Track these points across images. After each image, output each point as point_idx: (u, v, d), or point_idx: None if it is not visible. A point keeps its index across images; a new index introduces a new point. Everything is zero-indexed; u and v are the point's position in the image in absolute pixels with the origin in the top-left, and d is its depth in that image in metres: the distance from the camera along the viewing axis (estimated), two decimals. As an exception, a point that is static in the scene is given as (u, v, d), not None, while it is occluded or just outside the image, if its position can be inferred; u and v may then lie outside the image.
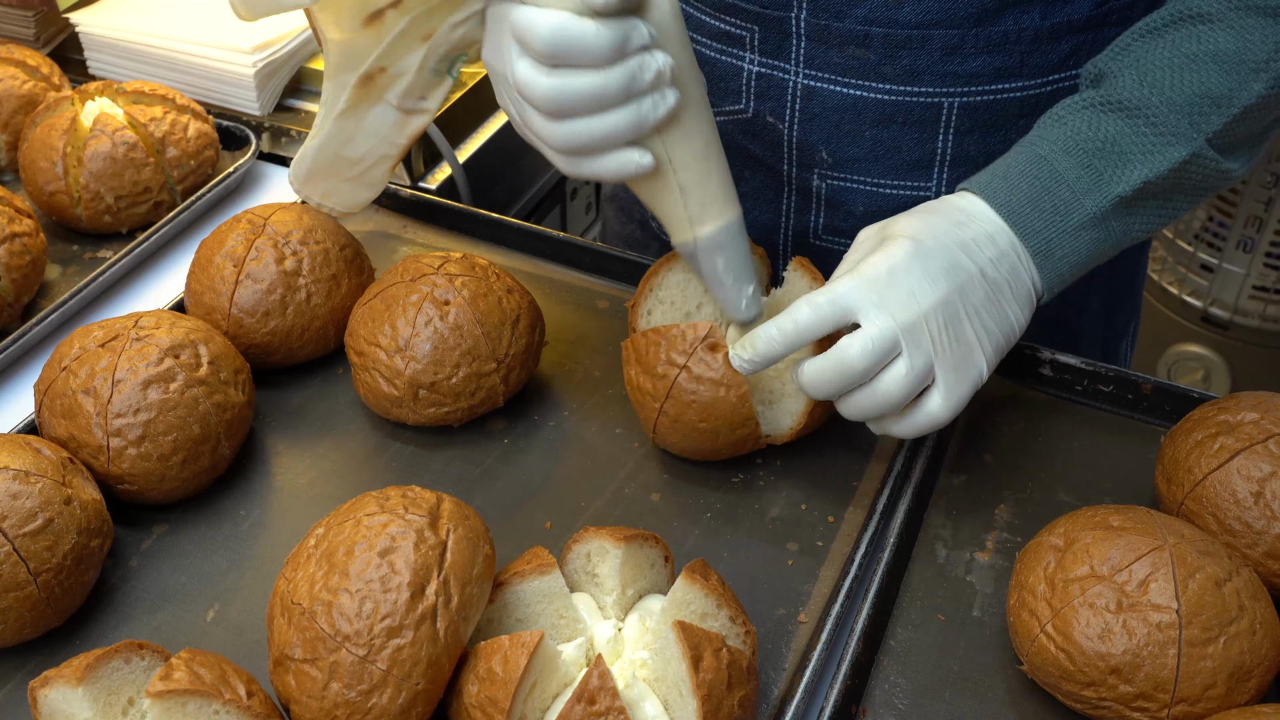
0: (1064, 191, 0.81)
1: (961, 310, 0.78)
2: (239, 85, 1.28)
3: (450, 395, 0.89)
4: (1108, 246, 0.83)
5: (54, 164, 1.10)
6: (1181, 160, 0.80)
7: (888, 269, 0.77)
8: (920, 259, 0.78)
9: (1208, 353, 1.99)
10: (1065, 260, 0.81)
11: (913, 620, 0.80)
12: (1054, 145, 0.82)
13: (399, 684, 0.66)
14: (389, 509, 0.71)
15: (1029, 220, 0.81)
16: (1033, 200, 0.81)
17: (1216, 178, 0.82)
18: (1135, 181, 0.80)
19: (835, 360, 0.78)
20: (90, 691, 0.67)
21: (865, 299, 0.77)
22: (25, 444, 0.80)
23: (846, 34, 0.91)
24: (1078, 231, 0.81)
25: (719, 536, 0.86)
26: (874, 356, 0.77)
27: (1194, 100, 0.79)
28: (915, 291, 0.77)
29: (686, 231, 0.80)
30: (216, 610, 0.81)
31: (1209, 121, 0.80)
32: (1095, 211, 0.80)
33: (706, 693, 0.66)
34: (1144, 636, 0.69)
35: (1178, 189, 0.82)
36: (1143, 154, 0.80)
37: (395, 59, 0.87)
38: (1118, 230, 0.82)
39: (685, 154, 0.76)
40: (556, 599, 0.73)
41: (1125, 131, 0.80)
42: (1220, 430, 0.81)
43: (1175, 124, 0.80)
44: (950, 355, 0.78)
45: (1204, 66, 0.80)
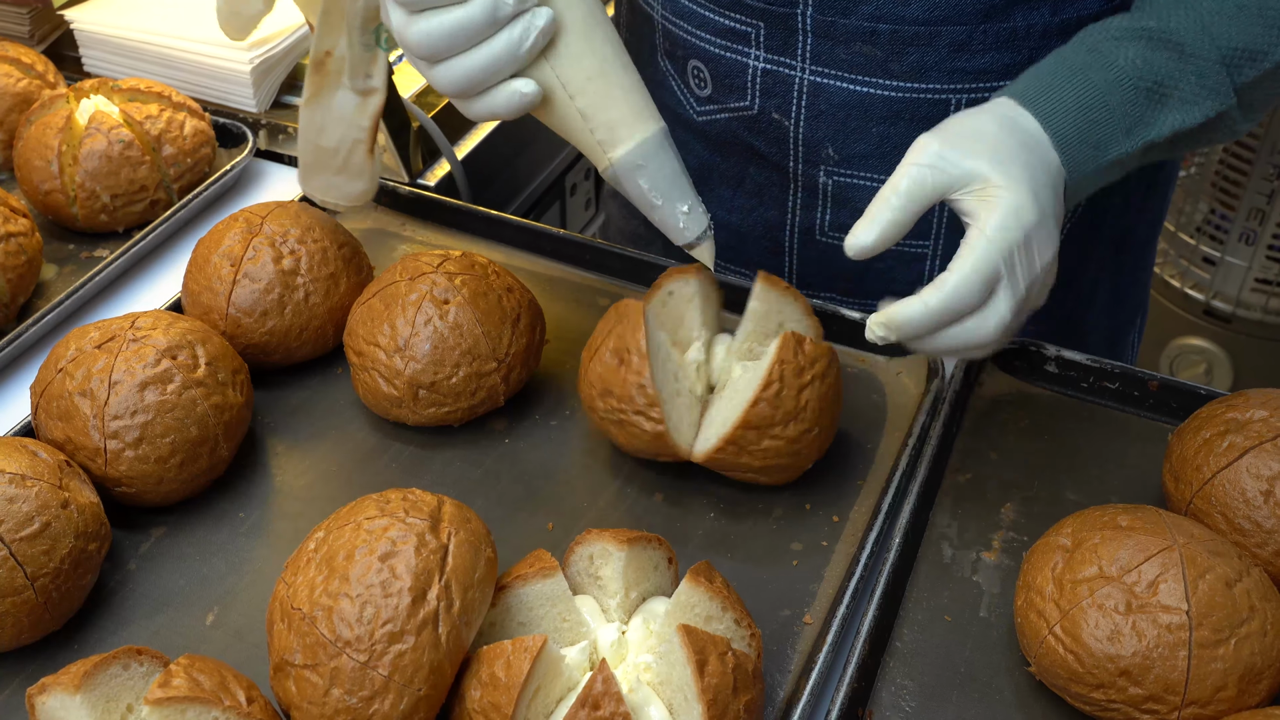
0: (1109, 128, 0.79)
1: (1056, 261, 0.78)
2: (235, 82, 1.27)
3: (450, 395, 0.89)
4: (1114, 179, 0.82)
5: (49, 163, 1.09)
6: (1212, 115, 0.80)
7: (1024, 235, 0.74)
8: (1042, 219, 0.75)
9: (1210, 346, 1.98)
10: (1082, 191, 0.81)
11: (919, 621, 0.79)
12: (1108, 73, 0.79)
13: (401, 690, 0.65)
14: (389, 512, 0.70)
15: (1076, 152, 0.79)
16: (1082, 133, 0.79)
17: (1228, 133, 0.83)
18: (1168, 129, 0.79)
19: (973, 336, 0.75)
20: (88, 699, 0.66)
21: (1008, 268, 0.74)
22: (21, 447, 0.79)
23: (853, 30, 0.90)
24: (1107, 168, 0.80)
25: (723, 536, 0.85)
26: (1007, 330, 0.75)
27: (1234, 52, 0.79)
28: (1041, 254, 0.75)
29: (601, 157, 0.78)
30: (216, 614, 0.80)
31: (1242, 74, 0.79)
32: (1127, 151, 0.80)
33: (712, 697, 0.65)
34: (1154, 638, 0.69)
35: (1195, 138, 0.82)
36: (1181, 102, 0.79)
37: (331, 39, 0.88)
38: (1130, 167, 0.82)
39: (578, 77, 0.75)
40: (559, 602, 0.72)
41: (1174, 74, 0.79)
42: (1229, 428, 0.80)
43: (1216, 77, 0.79)
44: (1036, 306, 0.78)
45: (1249, 17, 0.79)
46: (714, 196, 1.07)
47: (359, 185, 0.97)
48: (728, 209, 1.07)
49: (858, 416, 0.93)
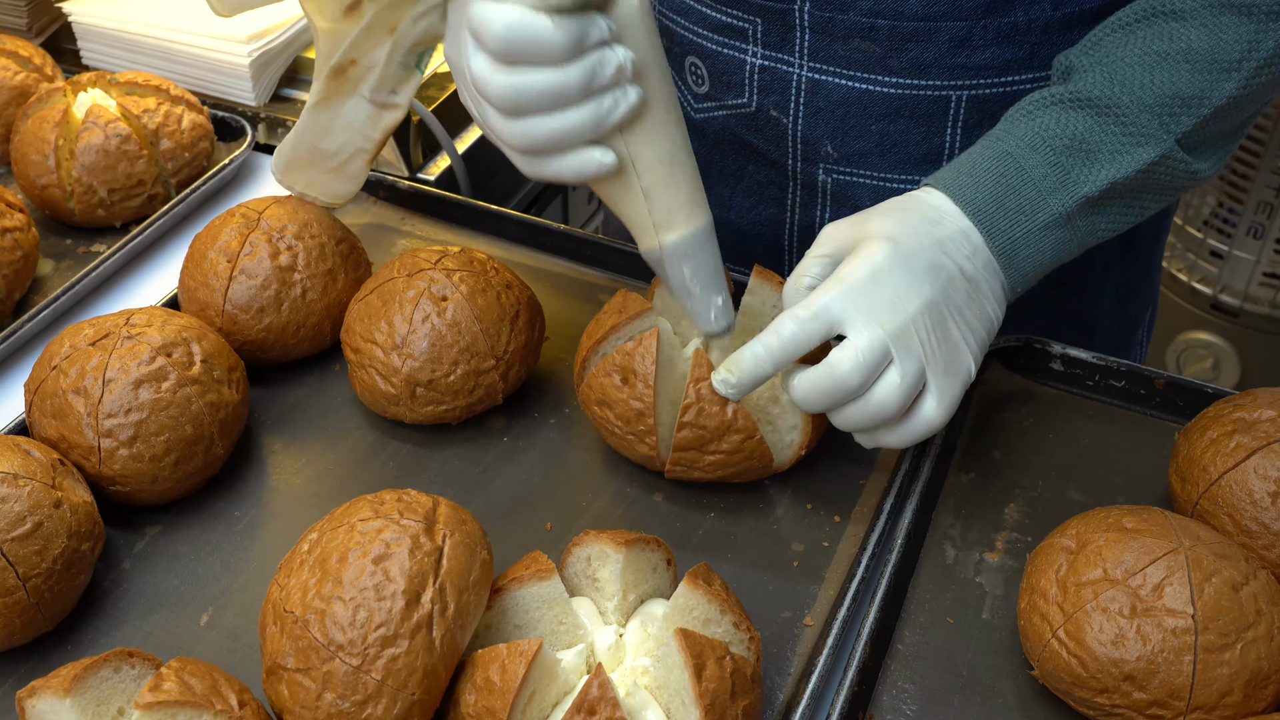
0: (1030, 190, 0.79)
1: (946, 311, 0.76)
2: (234, 75, 1.26)
3: (448, 393, 0.88)
4: (1073, 246, 0.81)
5: (46, 157, 1.09)
6: (1150, 161, 0.78)
7: (870, 274, 0.75)
8: (902, 261, 0.75)
9: (1217, 340, 1.97)
10: (1030, 260, 0.80)
11: (921, 623, 0.78)
12: (1021, 141, 0.80)
13: (394, 694, 0.65)
14: (383, 514, 0.69)
15: (995, 219, 0.79)
16: (998, 199, 0.79)
17: (1185, 177, 0.81)
18: (1102, 182, 0.78)
19: (826, 374, 0.75)
20: (78, 702, 0.65)
21: (851, 308, 0.75)
22: (14, 445, 0.79)
23: (851, 26, 0.89)
24: (1043, 231, 0.79)
25: (723, 537, 0.84)
26: (866, 369, 0.74)
27: (1165, 100, 0.78)
28: (900, 296, 0.75)
29: (651, 238, 0.78)
30: (210, 614, 0.80)
31: (1179, 122, 0.78)
32: (1061, 211, 0.79)
33: (710, 702, 0.64)
34: (1159, 642, 0.68)
35: (1145, 189, 0.80)
36: (1111, 154, 0.78)
37: (365, 51, 0.86)
38: (1083, 230, 0.80)
39: (649, 156, 0.74)
40: (556, 605, 0.71)
41: (1094, 130, 0.79)
42: (1236, 428, 0.79)
43: (1145, 124, 0.78)
44: (940, 359, 0.76)
45: (1175, 66, 0.78)
46: (713, 195, 1.06)
47: (346, 187, 0.96)
48: (726, 207, 1.05)
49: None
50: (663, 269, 0.80)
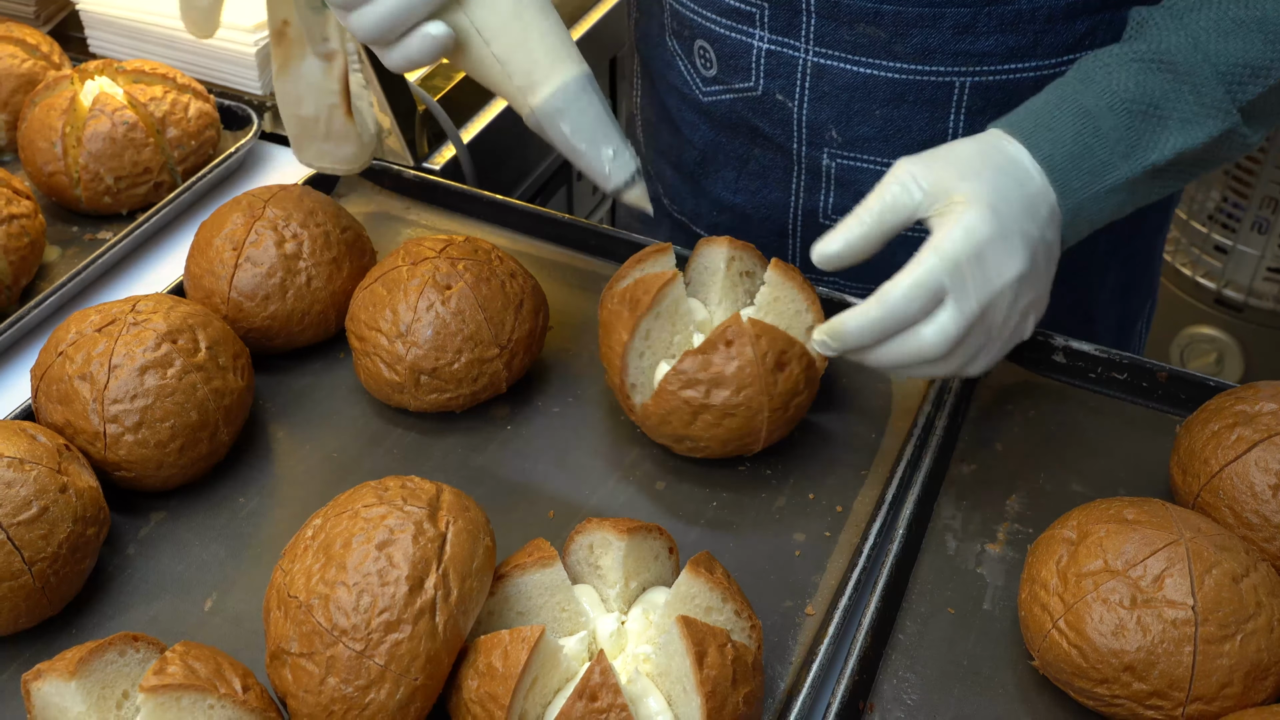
0: (1104, 152, 0.78)
1: (1031, 282, 0.77)
2: (240, 64, 1.26)
3: (452, 381, 0.88)
4: (1128, 208, 0.81)
5: (53, 144, 1.09)
6: (1218, 134, 0.79)
7: (974, 248, 0.74)
8: (1001, 233, 0.75)
9: (1221, 335, 1.97)
10: (1088, 222, 0.80)
11: (922, 613, 0.78)
12: (1099, 99, 0.79)
13: (397, 679, 0.65)
14: (387, 500, 0.69)
15: (1069, 179, 0.78)
16: (1074, 158, 0.78)
17: (1240, 149, 0.81)
18: (1170, 151, 0.78)
19: (910, 345, 0.75)
20: (83, 685, 0.66)
21: (953, 282, 0.74)
22: (20, 430, 0.79)
23: (857, 11, 0.89)
24: (1109, 194, 0.79)
25: (725, 526, 0.84)
26: (952, 344, 0.75)
27: (1235, 68, 0.78)
28: (999, 269, 0.75)
29: (522, 103, 0.78)
30: (214, 599, 0.80)
31: (1245, 91, 0.78)
32: (1129, 176, 0.79)
33: (711, 689, 0.65)
34: (1159, 633, 0.68)
35: (1204, 159, 0.81)
36: (1182, 122, 0.78)
37: (284, 8, 0.88)
38: (1141, 194, 0.81)
39: (493, 21, 0.75)
40: (558, 592, 0.71)
41: (1169, 95, 0.78)
42: (1238, 421, 0.79)
43: (1217, 95, 0.78)
44: (1011, 331, 0.78)
45: (1250, 34, 0.78)
46: (719, 178, 1.06)
47: (348, 148, 0.97)
48: (733, 190, 1.06)
49: (863, 406, 0.93)
50: (544, 133, 0.79)
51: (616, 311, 0.86)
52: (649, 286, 0.85)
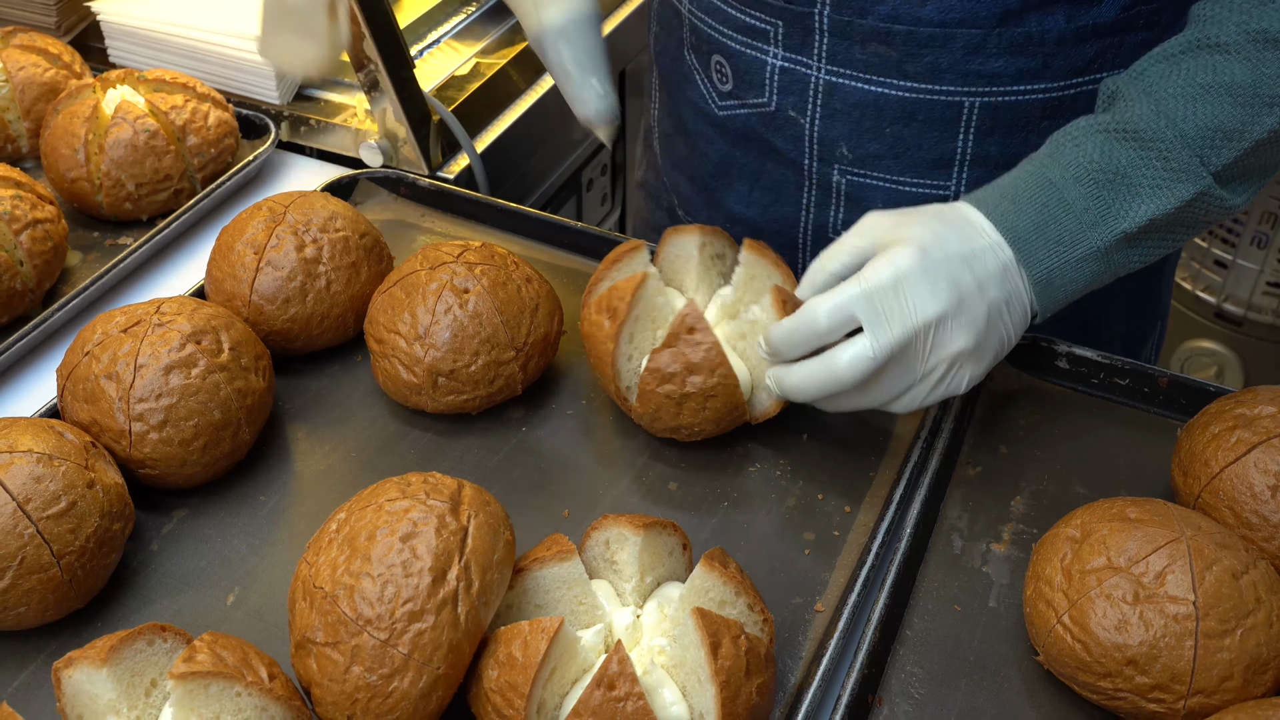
0: (1070, 222, 0.81)
1: (954, 326, 0.79)
2: (258, 74, 1.28)
3: (469, 383, 0.90)
4: (1106, 276, 0.83)
5: (76, 151, 1.11)
6: (1189, 198, 0.80)
7: (893, 279, 0.78)
8: (926, 271, 0.78)
9: (1221, 349, 1.99)
10: (1064, 289, 0.82)
11: (929, 610, 0.80)
12: (1065, 171, 0.81)
13: (420, 668, 0.67)
14: (410, 494, 0.71)
15: (1034, 247, 0.81)
16: (1039, 228, 0.81)
17: (1219, 212, 0.82)
18: (1141, 218, 0.80)
19: (825, 369, 0.80)
20: (114, 673, 0.67)
21: (868, 310, 0.78)
22: (49, 427, 0.81)
23: (869, 31, 0.91)
24: (1080, 263, 0.81)
25: (736, 525, 0.86)
26: (862, 371, 0.79)
27: (1206, 133, 0.79)
28: (916, 305, 0.78)
29: (532, 16, 0.81)
30: (236, 594, 0.82)
31: (1219, 155, 0.80)
32: (1100, 245, 0.81)
33: (725, 679, 0.66)
34: (1161, 628, 0.70)
35: (1181, 223, 0.82)
36: (1152, 188, 0.80)
37: None
38: (1118, 261, 0.83)
39: None
40: (576, 585, 0.73)
41: (1136, 163, 0.80)
42: (1237, 424, 0.81)
43: (1186, 160, 0.80)
44: (933, 370, 0.81)
45: (1218, 98, 0.80)
46: (732, 191, 1.08)
47: (315, 49, 0.99)
48: (745, 204, 1.08)
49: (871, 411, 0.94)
50: (543, 50, 0.82)
51: (597, 323, 0.89)
52: (623, 293, 0.87)
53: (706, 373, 0.85)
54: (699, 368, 0.85)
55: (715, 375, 0.85)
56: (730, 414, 0.87)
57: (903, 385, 0.81)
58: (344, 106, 1.29)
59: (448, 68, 1.36)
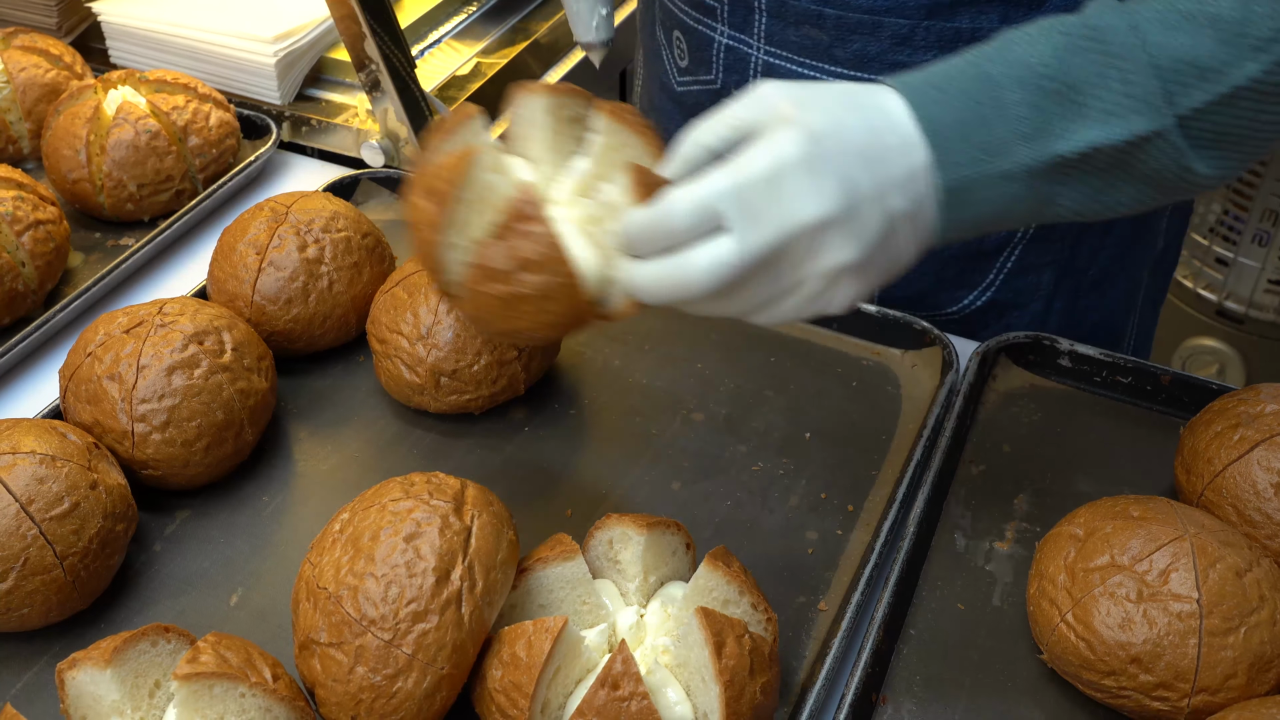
0: (1002, 127, 0.66)
1: (841, 238, 0.65)
2: (260, 74, 1.28)
3: (472, 383, 0.90)
4: (1025, 208, 0.68)
5: (77, 152, 1.11)
6: (1141, 134, 0.67)
7: (771, 171, 0.64)
8: (813, 164, 0.64)
9: (1222, 346, 1.99)
10: (974, 208, 0.67)
11: (932, 609, 0.80)
12: (1009, 69, 0.67)
13: (424, 668, 0.67)
14: (414, 495, 0.71)
15: (953, 148, 0.66)
16: (964, 126, 0.66)
17: (1176, 174, 0.68)
18: (1082, 143, 0.67)
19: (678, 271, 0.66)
20: (118, 673, 0.67)
21: (737, 207, 0.64)
22: (51, 428, 0.81)
23: (802, 12, 0.91)
24: (1002, 180, 0.67)
25: (739, 524, 0.86)
26: (724, 279, 0.65)
27: (1178, 64, 0.67)
28: (795, 205, 0.64)
29: None
30: (240, 595, 0.82)
31: (1188, 94, 0.67)
32: (1030, 162, 0.67)
33: (729, 678, 0.66)
34: (1164, 626, 0.70)
35: (1126, 171, 0.68)
36: (1103, 112, 0.67)
37: None
38: (1043, 193, 0.68)
39: None
40: (579, 585, 0.73)
41: (1092, 78, 0.67)
42: (1240, 421, 0.81)
43: (1149, 89, 0.66)
44: (804, 289, 0.67)
45: (1199, 29, 0.67)
46: None
47: None
48: None
49: (873, 408, 0.95)
50: None
51: (419, 208, 0.72)
52: (447, 172, 0.70)
53: (541, 269, 0.68)
54: (533, 264, 0.68)
55: (552, 272, 0.68)
56: (573, 316, 0.71)
57: (767, 295, 0.67)
58: (345, 107, 1.29)
59: (449, 68, 1.36)
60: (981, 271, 1.02)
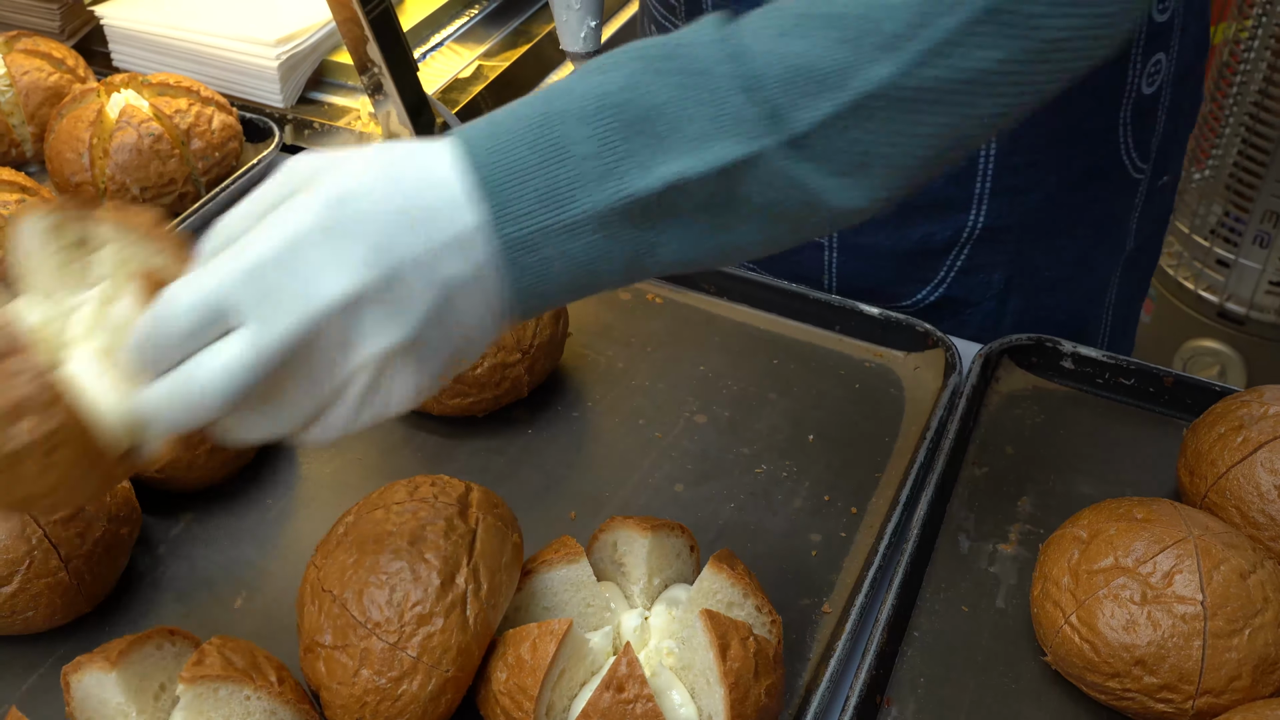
0: (565, 172, 0.56)
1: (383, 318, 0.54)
2: (262, 78, 1.28)
3: (475, 385, 0.90)
4: (617, 263, 0.57)
5: (80, 155, 1.11)
6: (735, 160, 0.56)
7: (285, 246, 0.53)
8: (333, 232, 0.53)
9: (1223, 348, 1.99)
10: (549, 267, 0.56)
11: (936, 611, 0.80)
12: (575, 102, 0.56)
13: (429, 671, 0.67)
14: (418, 497, 0.71)
15: (512, 203, 0.55)
16: (522, 176, 0.55)
17: (802, 205, 0.57)
18: (661, 179, 0.55)
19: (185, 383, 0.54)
20: (123, 677, 0.67)
21: (249, 294, 0.53)
22: (56, 432, 0.81)
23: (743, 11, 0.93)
24: (574, 231, 0.56)
25: (743, 527, 0.86)
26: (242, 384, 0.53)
27: (790, 76, 0.56)
28: (316, 282, 0.53)
29: None
30: (244, 598, 0.82)
31: (804, 109, 0.56)
32: (602, 208, 0.56)
33: (734, 681, 0.66)
34: (1169, 628, 0.70)
35: (733, 207, 0.57)
36: (688, 141, 0.56)
37: None
38: (631, 243, 0.57)
39: None
40: (584, 587, 0.73)
41: (675, 102, 0.56)
42: (1243, 423, 0.81)
43: (740, 107, 0.56)
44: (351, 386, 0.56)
45: (818, 30, 0.56)
46: None
47: None
48: None
49: (875, 410, 0.95)
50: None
51: None
52: None
53: (36, 413, 0.54)
54: (24, 408, 0.53)
55: (49, 415, 0.54)
56: (93, 470, 0.57)
57: (310, 401, 0.56)
58: (348, 109, 1.29)
59: (451, 70, 1.36)
60: (933, 268, 1.03)
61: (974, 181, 0.97)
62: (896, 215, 1.00)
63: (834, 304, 1.01)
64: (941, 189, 0.98)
